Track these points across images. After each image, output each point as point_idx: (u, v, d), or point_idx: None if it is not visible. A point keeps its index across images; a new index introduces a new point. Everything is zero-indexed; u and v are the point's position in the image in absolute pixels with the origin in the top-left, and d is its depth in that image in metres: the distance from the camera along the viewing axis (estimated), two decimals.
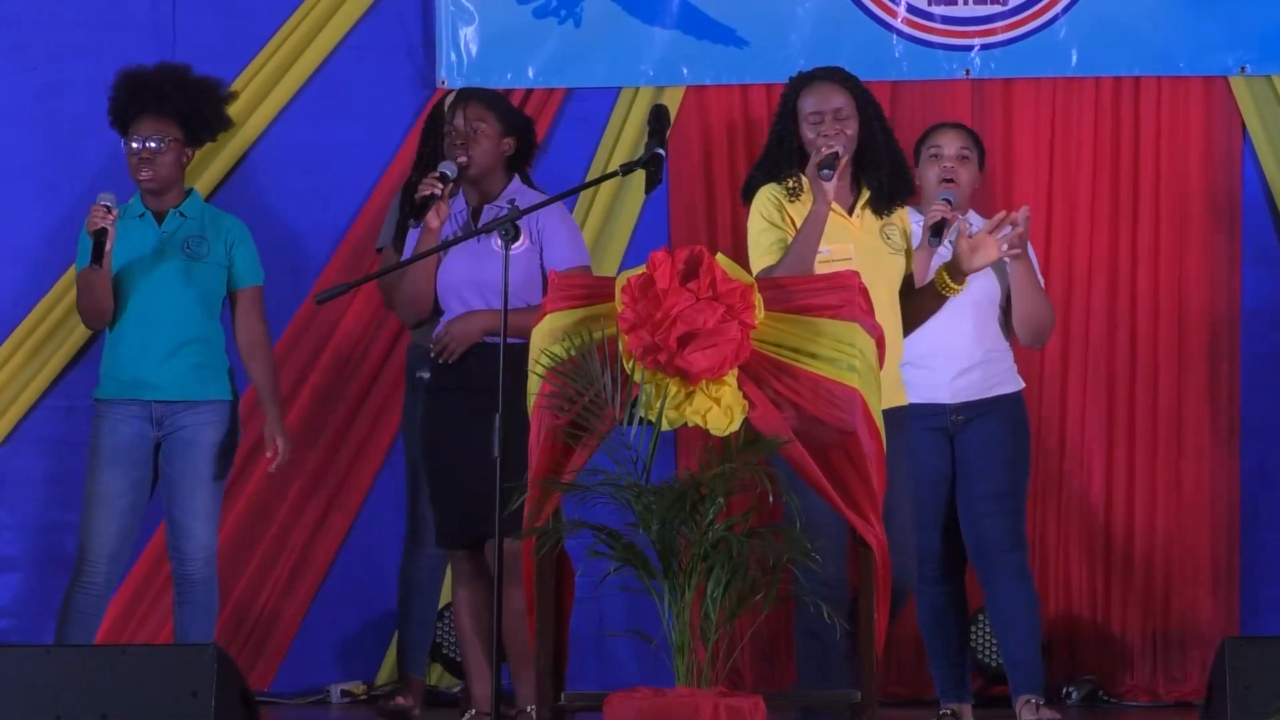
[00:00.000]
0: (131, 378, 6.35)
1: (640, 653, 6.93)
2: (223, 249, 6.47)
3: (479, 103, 6.23)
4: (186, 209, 6.46)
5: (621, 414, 4.84)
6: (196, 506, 6.36)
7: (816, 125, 5.51)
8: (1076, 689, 7.07)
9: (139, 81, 6.48)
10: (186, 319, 6.38)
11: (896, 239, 5.54)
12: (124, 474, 6.33)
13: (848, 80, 5.59)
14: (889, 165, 5.55)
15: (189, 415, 6.35)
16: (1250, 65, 7.18)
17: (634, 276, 4.91)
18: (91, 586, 6.34)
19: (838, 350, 4.95)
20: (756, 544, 4.75)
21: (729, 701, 4.65)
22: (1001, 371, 6.42)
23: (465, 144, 6.13)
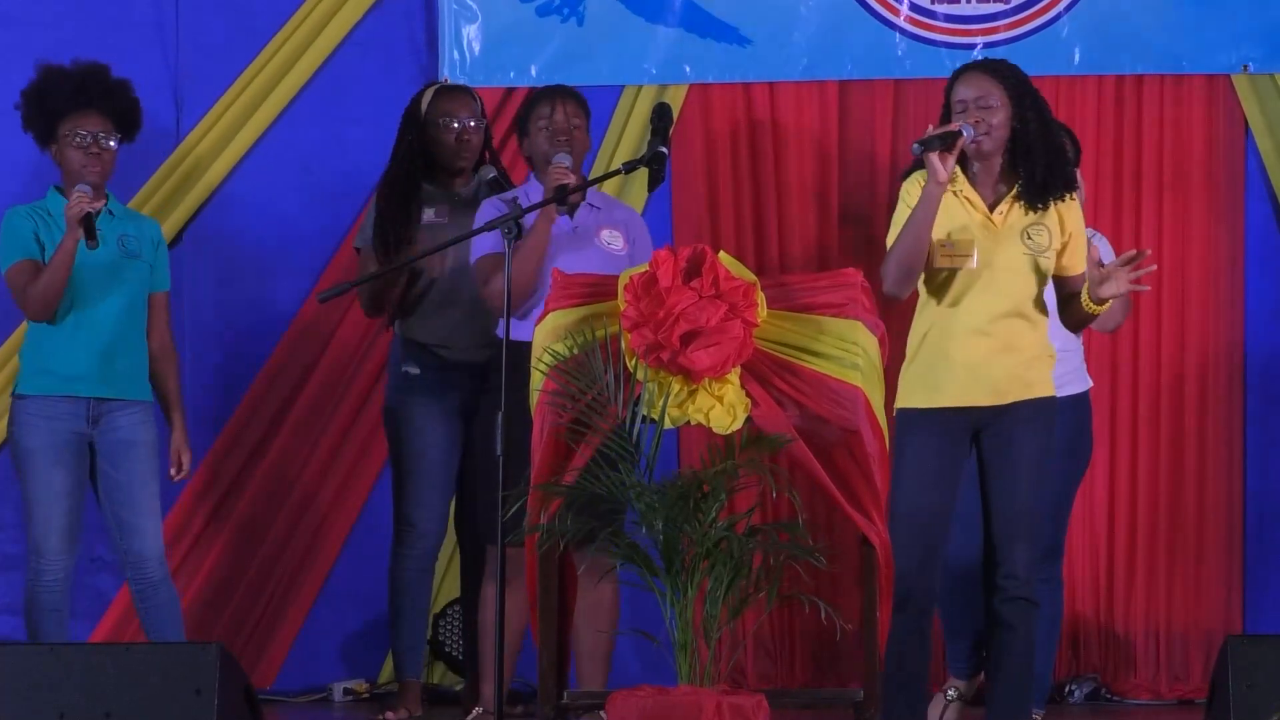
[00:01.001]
0: (69, 373, 6.30)
1: (643, 651, 6.92)
2: (151, 249, 6.45)
3: (574, 100, 6.28)
4: (113, 208, 6.45)
5: (624, 412, 4.84)
6: (145, 506, 6.33)
7: (961, 114, 5.53)
8: (1079, 687, 7.07)
9: (80, 78, 6.44)
10: (124, 316, 6.35)
11: (1040, 240, 5.53)
12: (69, 470, 6.28)
13: (1000, 70, 5.59)
14: (1044, 158, 5.53)
15: (124, 415, 6.32)
16: (1253, 63, 7.17)
17: (637, 275, 4.92)
18: (54, 583, 6.31)
19: (841, 348, 4.95)
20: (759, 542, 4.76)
21: (732, 700, 4.65)
22: (1071, 370, 6.41)
23: (569, 140, 6.17)
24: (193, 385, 7.37)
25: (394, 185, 6.66)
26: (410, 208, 6.61)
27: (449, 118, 6.65)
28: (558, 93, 6.32)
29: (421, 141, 6.67)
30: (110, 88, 6.44)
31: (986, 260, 5.50)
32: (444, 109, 6.67)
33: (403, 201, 6.62)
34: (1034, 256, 5.53)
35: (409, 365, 6.63)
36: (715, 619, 4.73)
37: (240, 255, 7.44)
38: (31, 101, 6.45)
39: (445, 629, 7.18)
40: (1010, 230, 5.51)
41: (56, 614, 6.33)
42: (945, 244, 5.50)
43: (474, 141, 6.68)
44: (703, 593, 4.73)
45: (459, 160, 6.66)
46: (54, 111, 6.39)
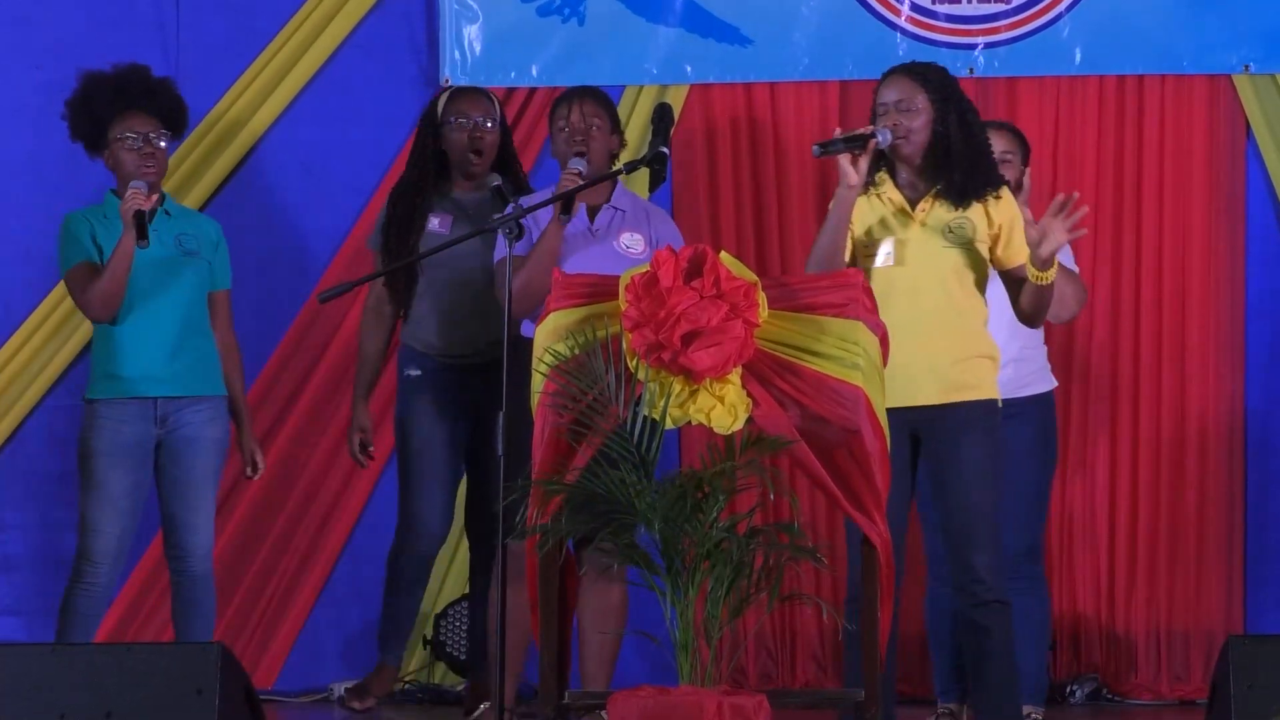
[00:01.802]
0: (136, 375, 6.34)
1: (644, 651, 6.92)
2: (210, 247, 6.47)
3: (592, 99, 6.27)
4: (170, 208, 6.47)
5: (625, 412, 4.84)
6: (201, 503, 6.37)
7: (883, 116, 5.54)
8: (1080, 687, 7.07)
9: (122, 81, 6.46)
10: (188, 314, 6.38)
11: (963, 231, 5.52)
12: (127, 474, 6.32)
13: (923, 74, 5.59)
14: (963, 162, 5.53)
15: (191, 412, 6.35)
16: (1254, 64, 7.17)
17: (638, 275, 4.91)
18: (94, 588, 6.33)
19: (842, 348, 4.95)
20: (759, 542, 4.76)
21: (733, 700, 4.65)
22: (1034, 370, 6.42)
23: (585, 140, 6.16)
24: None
25: (403, 191, 6.68)
26: (415, 216, 6.62)
27: (462, 117, 6.65)
28: (576, 93, 6.33)
29: (436, 143, 6.67)
30: (152, 87, 6.47)
31: (907, 258, 5.50)
32: (457, 109, 6.67)
33: (409, 208, 6.64)
34: (957, 248, 5.52)
35: (410, 368, 6.65)
36: (716, 619, 4.72)
37: (241, 255, 7.43)
38: (77, 109, 6.46)
39: (446, 629, 7.18)
40: (932, 227, 5.52)
41: (90, 620, 6.35)
42: (865, 242, 5.55)
43: (488, 140, 6.67)
44: (704, 593, 4.73)
45: (472, 160, 6.65)
46: (100, 117, 6.41)
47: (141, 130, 6.37)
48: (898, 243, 5.53)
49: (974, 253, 5.55)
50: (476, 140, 6.65)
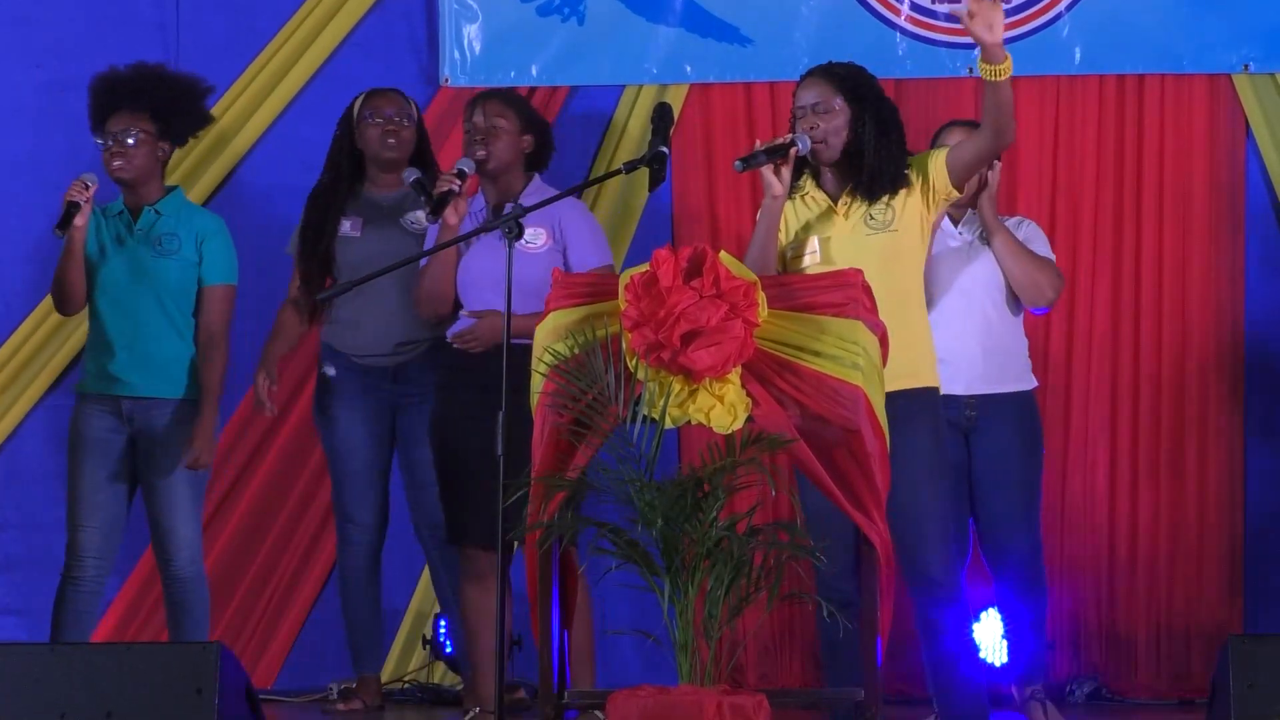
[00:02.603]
0: (102, 372, 6.37)
1: (643, 651, 6.93)
2: (193, 245, 6.47)
3: (498, 100, 6.31)
4: (163, 206, 6.47)
5: (625, 412, 4.84)
6: (177, 505, 6.36)
7: (801, 119, 5.54)
8: (1080, 687, 7.07)
9: (114, 81, 6.50)
10: (158, 315, 6.38)
11: (883, 217, 5.52)
12: (102, 468, 6.34)
13: (838, 74, 5.57)
14: (873, 158, 5.53)
15: (158, 413, 6.35)
16: (1254, 63, 7.17)
17: (637, 274, 4.91)
18: (83, 583, 6.35)
19: (841, 348, 4.95)
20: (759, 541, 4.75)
21: (732, 700, 4.65)
22: (1016, 367, 6.42)
23: (485, 140, 6.18)
24: None
25: (318, 194, 6.80)
26: (327, 219, 6.71)
27: (378, 115, 6.75)
28: (482, 95, 6.41)
29: (351, 143, 6.75)
30: (141, 85, 6.49)
31: (833, 253, 5.49)
32: (373, 106, 6.79)
33: (323, 212, 6.75)
34: (881, 234, 5.51)
35: (326, 366, 6.75)
36: (716, 618, 4.72)
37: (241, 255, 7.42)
38: (90, 113, 6.54)
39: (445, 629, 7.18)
40: (855, 220, 5.53)
41: (84, 617, 6.37)
42: (792, 245, 5.56)
43: (403, 136, 6.77)
44: (703, 592, 4.73)
45: (386, 154, 6.74)
46: (98, 116, 6.47)
47: (116, 129, 6.39)
48: (823, 240, 5.53)
49: (901, 238, 5.53)
50: (390, 134, 6.73)
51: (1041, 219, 7.07)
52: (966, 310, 6.29)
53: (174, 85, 6.56)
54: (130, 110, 6.43)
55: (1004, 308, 6.38)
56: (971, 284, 6.34)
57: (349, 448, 6.74)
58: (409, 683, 7.23)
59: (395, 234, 6.72)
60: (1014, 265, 6.33)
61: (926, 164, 5.57)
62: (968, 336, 6.29)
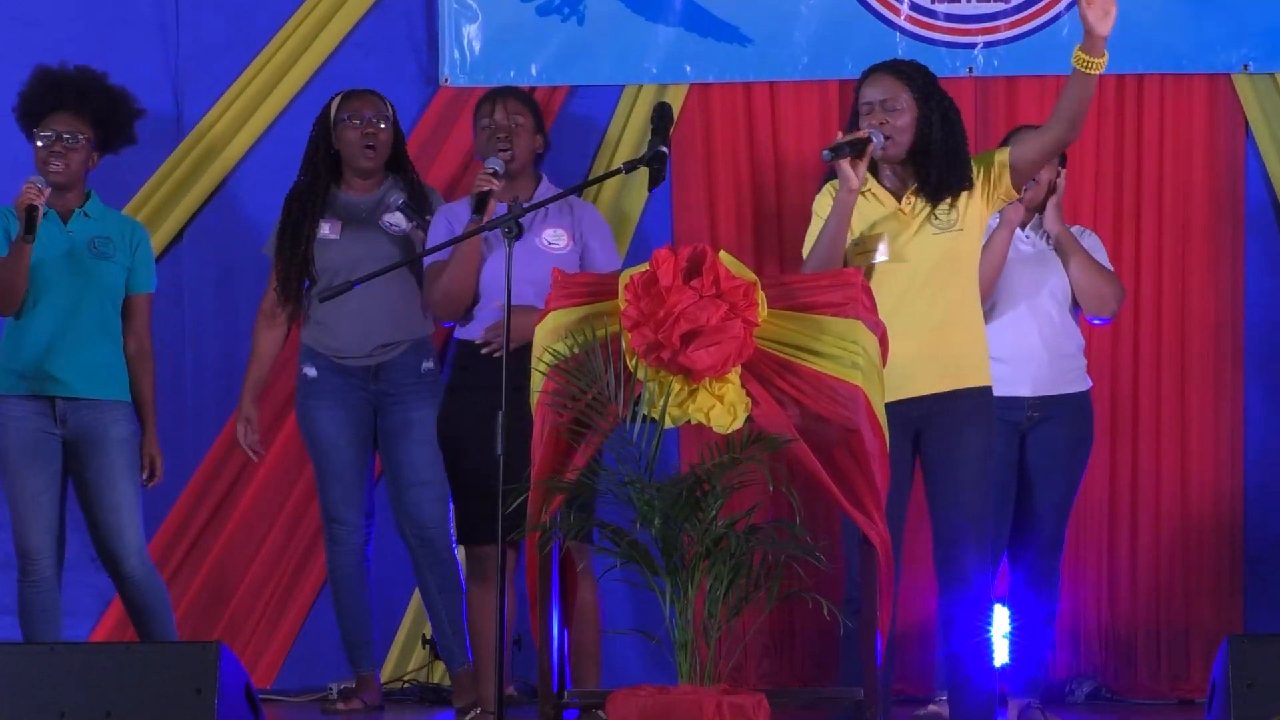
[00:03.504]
0: (36, 373, 6.32)
1: (643, 650, 6.93)
2: (128, 251, 6.46)
3: (517, 98, 6.32)
4: (90, 209, 6.46)
5: (624, 411, 4.84)
6: (118, 504, 6.33)
7: (867, 115, 5.57)
8: (1080, 687, 7.07)
9: (59, 79, 6.48)
10: (93, 317, 6.37)
11: (948, 218, 5.57)
12: (40, 470, 6.30)
13: (907, 72, 5.64)
14: (942, 157, 5.57)
15: (92, 415, 6.33)
16: (1253, 63, 7.17)
17: (637, 274, 4.91)
18: (41, 583, 6.33)
19: (841, 348, 4.95)
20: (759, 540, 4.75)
21: (732, 699, 4.65)
22: (1075, 369, 6.45)
23: (509, 138, 6.19)
24: (193, 384, 7.39)
25: (296, 195, 6.81)
26: (305, 220, 6.71)
27: (355, 117, 6.76)
28: (499, 92, 6.40)
29: (328, 145, 6.76)
30: (86, 90, 6.45)
31: (900, 252, 5.55)
32: (350, 108, 6.80)
33: (301, 213, 6.75)
34: (946, 234, 5.56)
35: (307, 367, 6.74)
36: (715, 618, 4.72)
37: (241, 255, 7.44)
38: (20, 101, 6.51)
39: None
40: (919, 218, 5.57)
41: (46, 614, 6.34)
42: (856, 242, 5.59)
43: (381, 138, 6.77)
44: (703, 591, 4.73)
45: (364, 157, 6.75)
46: (33, 111, 6.43)
47: (58, 128, 6.37)
48: (890, 238, 5.57)
49: (965, 238, 5.59)
50: (369, 136, 6.75)
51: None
52: (1032, 313, 6.34)
53: (117, 96, 6.54)
54: (74, 112, 6.41)
55: (1067, 311, 6.45)
56: (1039, 289, 6.38)
57: (332, 447, 6.74)
58: (408, 683, 7.23)
59: (374, 235, 6.72)
60: (1083, 277, 6.42)
61: (990, 163, 5.62)
62: (1034, 339, 6.34)
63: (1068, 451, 6.45)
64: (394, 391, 6.69)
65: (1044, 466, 6.38)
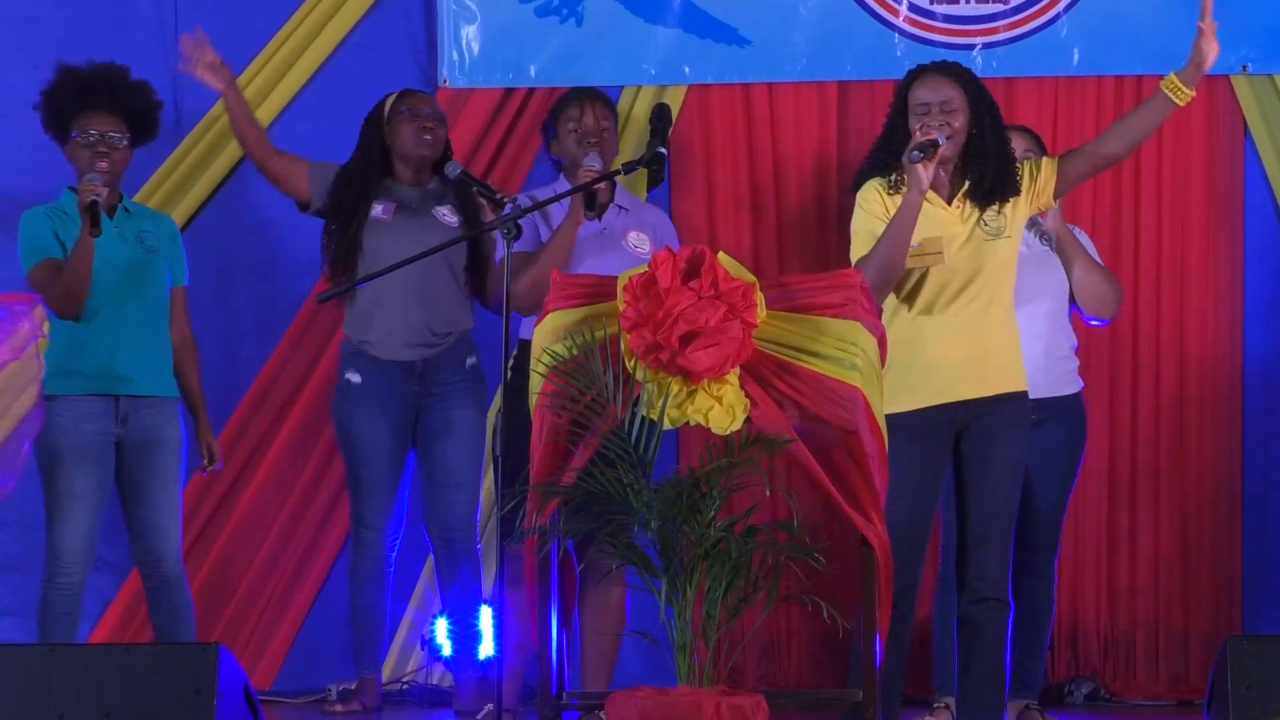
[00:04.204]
0: (100, 372, 6.32)
1: (643, 651, 6.93)
2: (168, 244, 6.47)
3: (604, 104, 6.36)
4: (129, 205, 6.47)
5: (623, 412, 4.84)
6: (166, 504, 6.35)
7: (922, 116, 5.58)
8: (1079, 687, 7.07)
9: (88, 78, 6.47)
10: (152, 312, 6.39)
11: (995, 224, 5.59)
12: (91, 472, 6.30)
13: (960, 74, 5.67)
14: (994, 161, 5.59)
15: (152, 413, 6.34)
16: (1252, 64, 7.18)
17: (636, 275, 4.92)
18: (69, 586, 6.33)
19: (840, 349, 4.96)
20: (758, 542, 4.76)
21: (731, 700, 4.65)
22: (1069, 371, 6.46)
23: (599, 143, 6.23)
24: None
25: (349, 179, 6.76)
26: (359, 202, 6.68)
27: (415, 113, 6.72)
28: (586, 95, 6.42)
29: (382, 138, 6.75)
30: (119, 88, 6.46)
31: (958, 259, 5.58)
32: (407, 103, 6.78)
33: (355, 195, 6.70)
34: (996, 240, 5.59)
35: (350, 373, 6.70)
36: (714, 619, 4.73)
37: (240, 255, 7.45)
38: (46, 101, 6.49)
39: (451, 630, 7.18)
40: (969, 223, 5.60)
41: (68, 618, 6.35)
42: (913, 245, 5.56)
43: (438, 135, 6.76)
44: (702, 593, 4.73)
45: (422, 145, 6.73)
46: (64, 111, 6.42)
47: (99, 128, 6.37)
48: (946, 240, 5.57)
49: (1011, 244, 5.64)
50: (428, 129, 6.74)
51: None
52: (1031, 318, 6.32)
53: (144, 90, 6.54)
54: (109, 111, 6.41)
55: (1064, 313, 6.44)
56: (1039, 292, 6.37)
57: (372, 454, 6.68)
58: (408, 683, 7.23)
59: (426, 223, 6.68)
60: (1086, 278, 6.42)
61: (1038, 170, 5.64)
62: (1034, 343, 6.32)
63: (1063, 453, 6.45)
64: (437, 391, 6.66)
65: (1041, 469, 6.37)
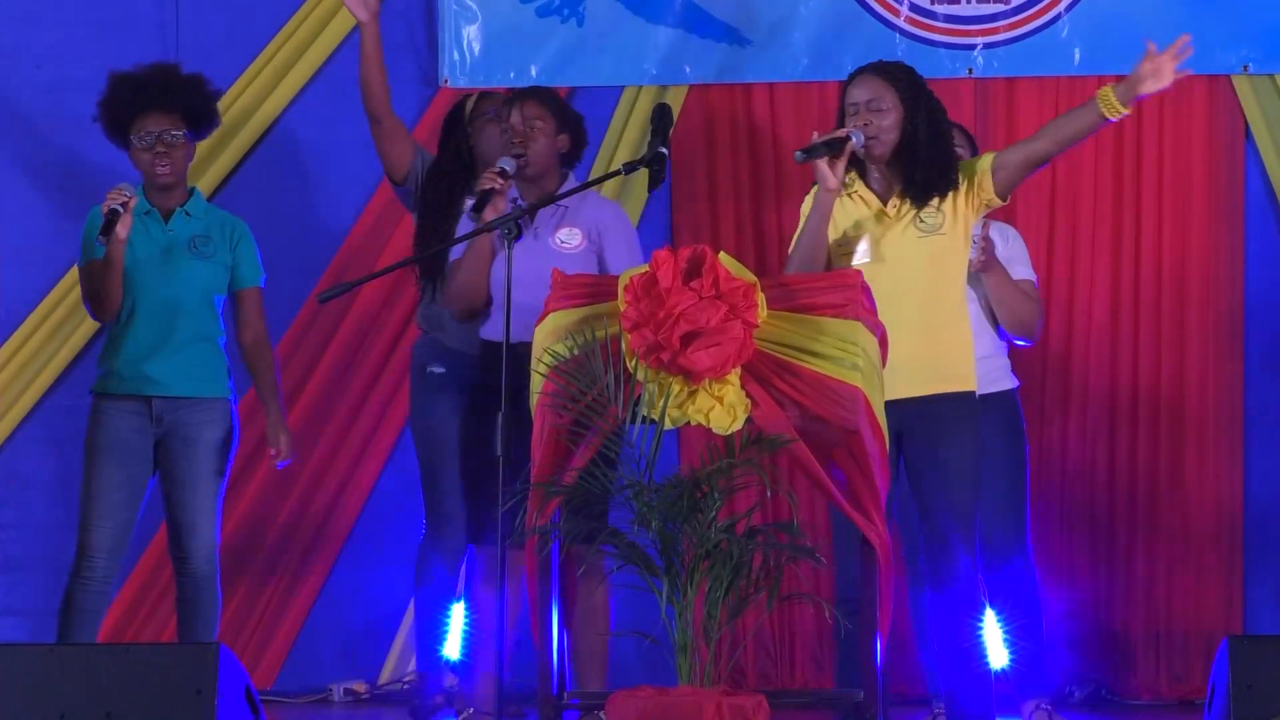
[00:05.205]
0: (135, 373, 6.34)
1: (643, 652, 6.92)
2: (228, 249, 6.47)
3: (535, 100, 6.27)
4: (191, 208, 6.46)
5: (624, 413, 4.84)
6: (201, 505, 6.36)
7: (853, 116, 5.57)
8: (1079, 688, 7.07)
9: (141, 80, 6.47)
10: (193, 317, 6.39)
11: (932, 221, 5.56)
12: (123, 469, 6.32)
13: (893, 73, 5.64)
14: (926, 161, 5.57)
15: (190, 413, 6.35)
16: (1253, 64, 7.18)
17: (637, 275, 4.92)
18: (91, 582, 6.34)
19: (841, 349, 4.95)
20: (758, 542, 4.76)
21: (732, 700, 4.65)
22: (996, 368, 6.42)
23: (523, 142, 6.16)
24: None
25: (441, 175, 6.69)
26: (452, 199, 6.64)
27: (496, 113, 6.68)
28: (519, 94, 6.33)
29: (467, 140, 6.70)
30: (170, 85, 6.46)
31: (884, 254, 5.54)
32: (487, 107, 6.70)
33: (447, 191, 6.66)
34: (931, 237, 5.55)
35: (434, 365, 6.63)
36: (715, 619, 4.73)
37: None
38: (103, 111, 6.49)
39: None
40: (905, 221, 5.55)
41: (90, 615, 6.35)
42: (839, 243, 5.59)
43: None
44: (702, 593, 4.73)
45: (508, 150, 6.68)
46: (122, 118, 6.41)
47: (154, 129, 6.37)
48: (873, 240, 5.56)
49: (949, 241, 5.58)
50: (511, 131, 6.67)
51: (1041, 220, 7.08)
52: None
53: (195, 84, 6.53)
54: (164, 110, 6.39)
55: (988, 312, 6.37)
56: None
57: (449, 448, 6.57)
58: (408, 683, 7.23)
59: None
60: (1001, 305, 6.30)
61: (973, 168, 5.62)
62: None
63: (1000, 450, 6.34)
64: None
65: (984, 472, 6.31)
